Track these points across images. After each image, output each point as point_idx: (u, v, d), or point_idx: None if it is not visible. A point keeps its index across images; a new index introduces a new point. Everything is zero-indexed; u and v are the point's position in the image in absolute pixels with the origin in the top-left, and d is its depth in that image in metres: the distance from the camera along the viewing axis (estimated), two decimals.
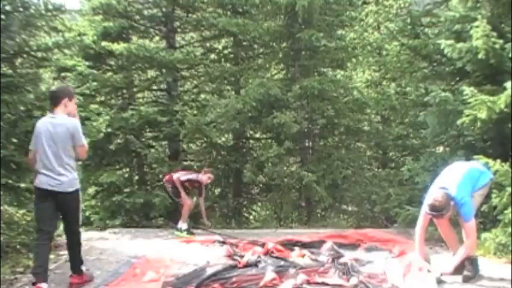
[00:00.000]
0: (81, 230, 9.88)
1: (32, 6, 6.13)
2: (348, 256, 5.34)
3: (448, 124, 6.97)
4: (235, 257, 5.33)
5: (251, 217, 12.29)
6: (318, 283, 4.51)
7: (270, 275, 4.62)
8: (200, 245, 6.56)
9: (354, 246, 6.03)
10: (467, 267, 4.71)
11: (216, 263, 5.10)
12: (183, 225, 7.69)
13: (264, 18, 11.02)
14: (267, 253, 5.47)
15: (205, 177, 7.91)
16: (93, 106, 10.15)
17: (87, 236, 7.46)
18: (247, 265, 5.02)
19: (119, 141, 10.26)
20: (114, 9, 10.61)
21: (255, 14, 11.13)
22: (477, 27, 6.14)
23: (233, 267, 4.95)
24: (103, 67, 10.92)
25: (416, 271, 4.74)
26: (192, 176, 7.88)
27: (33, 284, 4.36)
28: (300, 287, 4.42)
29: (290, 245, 6.03)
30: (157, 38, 12.04)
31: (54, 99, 4.66)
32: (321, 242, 5.99)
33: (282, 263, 5.12)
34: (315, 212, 11.29)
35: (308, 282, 4.49)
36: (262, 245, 5.86)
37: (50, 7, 6.18)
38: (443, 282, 4.50)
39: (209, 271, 4.74)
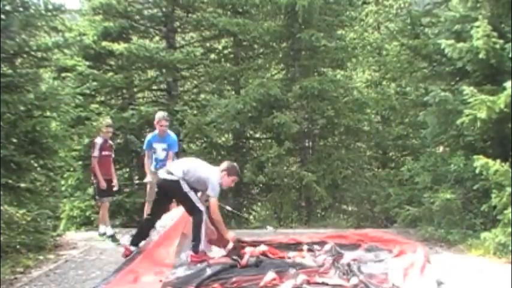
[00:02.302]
0: (82, 230, 9.96)
1: (32, 6, 6.12)
2: (349, 256, 5.34)
3: (448, 124, 6.97)
4: (235, 258, 5.32)
5: (251, 217, 12.28)
6: (318, 283, 4.50)
7: (270, 275, 4.62)
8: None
9: (354, 246, 6.02)
10: None
11: (216, 261, 5.10)
12: (106, 229, 6.89)
13: (264, 18, 11.04)
14: (264, 254, 5.46)
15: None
16: (93, 106, 10.19)
17: (87, 236, 7.47)
18: (247, 265, 5.02)
19: (119, 141, 10.27)
20: (114, 9, 10.63)
21: (255, 14, 11.14)
22: (478, 27, 6.15)
23: (233, 267, 4.95)
24: (103, 67, 10.94)
25: (417, 273, 4.74)
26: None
27: None
28: (300, 287, 4.41)
29: (293, 245, 6.00)
30: (157, 38, 12.06)
31: None
32: (323, 243, 5.97)
33: (283, 263, 5.12)
34: (315, 212, 11.29)
35: (308, 283, 4.49)
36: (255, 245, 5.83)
37: (50, 7, 6.17)
38: (443, 284, 4.50)
39: (209, 271, 4.74)
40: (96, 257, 5.98)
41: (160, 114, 6.97)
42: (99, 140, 6.87)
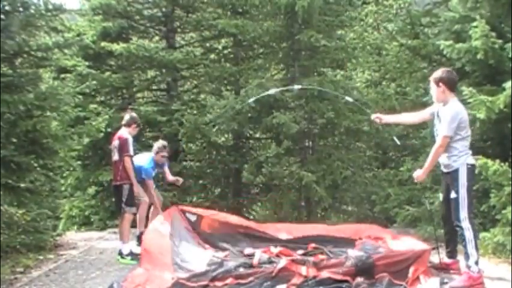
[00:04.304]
0: (81, 230, 9.93)
1: (32, 6, 6.15)
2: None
3: None
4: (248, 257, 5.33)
5: (251, 217, 12.29)
6: (324, 278, 4.53)
7: (282, 262, 4.68)
8: None
9: (350, 242, 5.98)
10: None
11: (230, 258, 5.13)
12: (125, 246, 5.74)
13: (264, 19, 11.02)
14: (277, 256, 5.48)
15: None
16: (92, 106, 10.21)
17: (87, 236, 7.48)
18: (260, 263, 5.03)
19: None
20: (113, 10, 10.64)
21: (255, 14, 11.13)
22: (476, 27, 6.15)
23: (248, 265, 4.95)
24: (103, 67, 10.95)
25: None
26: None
27: None
28: (307, 279, 4.46)
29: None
30: (157, 38, 12.07)
31: None
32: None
33: (295, 257, 5.14)
34: (315, 212, 11.29)
35: (314, 278, 4.53)
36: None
37: (50, 7, 6.20)
38: (446, 284, 4.51)
39: (223, 268, 4.76)
40: (96, 257, 5.99)
41: (161, 144, 6.49)
42: (128, 136, 5.86)
